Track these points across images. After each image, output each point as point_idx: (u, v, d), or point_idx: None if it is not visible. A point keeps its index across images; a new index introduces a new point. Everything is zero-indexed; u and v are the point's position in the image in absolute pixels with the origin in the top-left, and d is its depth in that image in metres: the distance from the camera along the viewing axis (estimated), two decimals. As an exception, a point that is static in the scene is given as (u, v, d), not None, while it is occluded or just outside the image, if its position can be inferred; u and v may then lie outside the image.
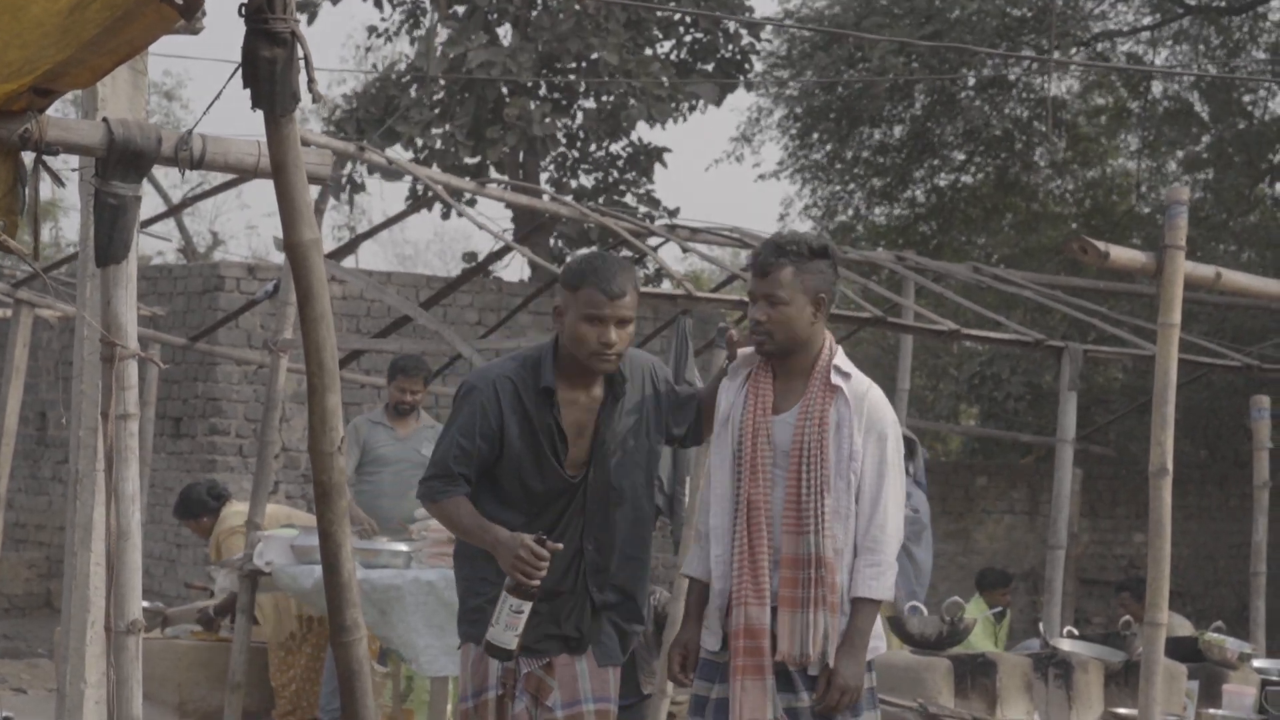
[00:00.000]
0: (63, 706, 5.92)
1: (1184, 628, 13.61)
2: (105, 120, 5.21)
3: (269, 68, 3.97)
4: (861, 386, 5.74)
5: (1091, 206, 22.41)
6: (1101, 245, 8.59)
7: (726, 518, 5.75)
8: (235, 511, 13.11)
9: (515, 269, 51.97)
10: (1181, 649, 11.56)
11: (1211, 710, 10.71)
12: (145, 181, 5.47)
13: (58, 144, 5.04)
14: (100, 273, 5.44)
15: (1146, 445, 18.97)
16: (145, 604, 13.40)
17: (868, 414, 5.70)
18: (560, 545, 5.63)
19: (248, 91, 4.03)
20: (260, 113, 4.08)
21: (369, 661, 4.14)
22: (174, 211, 14.98)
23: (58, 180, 5.12)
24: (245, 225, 42.32)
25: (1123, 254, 8.79)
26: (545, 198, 14.24)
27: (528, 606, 5.57)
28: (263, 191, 71.59)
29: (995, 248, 22.04)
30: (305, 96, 4.09)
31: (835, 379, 5.72)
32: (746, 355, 5.92)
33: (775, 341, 5.71)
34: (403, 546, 10.86)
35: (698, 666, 5.88)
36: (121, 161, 5.21)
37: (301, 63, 4.00)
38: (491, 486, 5.92)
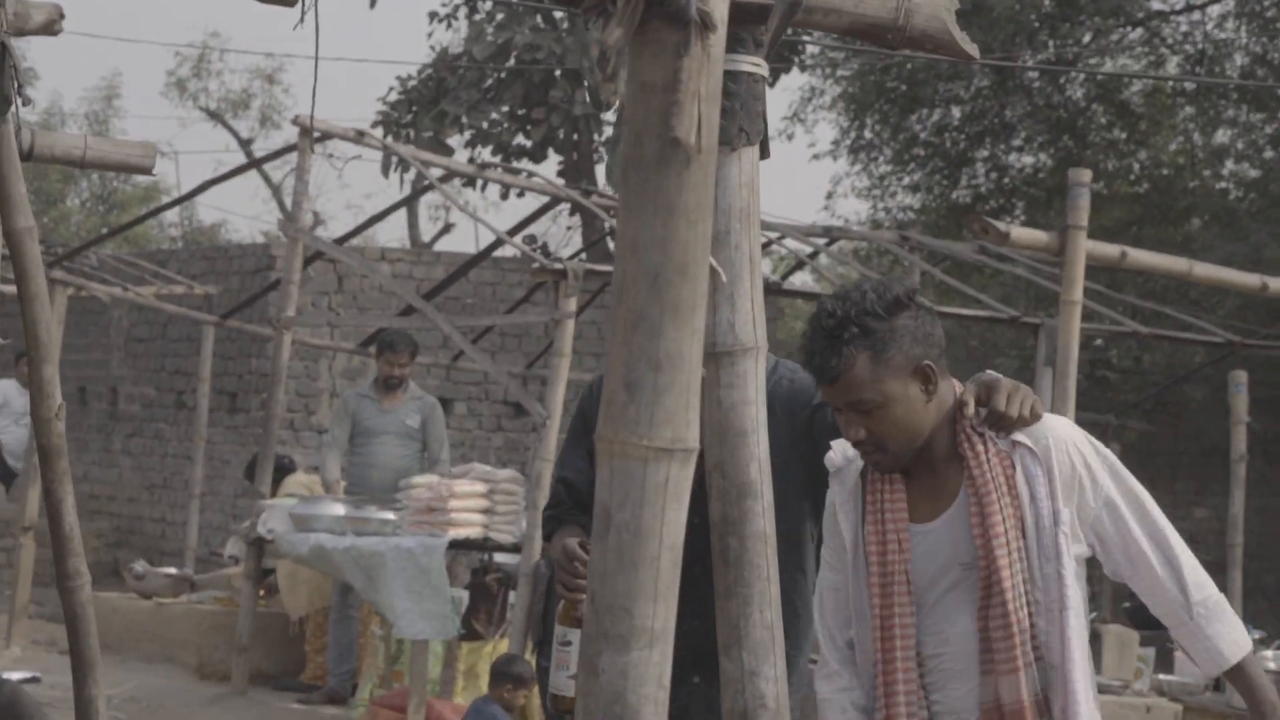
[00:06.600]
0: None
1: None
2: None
3: (-19, 74, 4.45)
4: (1038, 428, 4.08)
5: (1151, 187, 22.47)
6: (1002, 225, 8.96)
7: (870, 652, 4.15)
8: (295, 481, 13.78)
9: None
10: (1140, 616, 11.82)
11: (1162, 676, 10.99)
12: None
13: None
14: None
15: (1194, 421, 19.10)
16: (173, 570, 14.13)
17: (1058, 456, 4.07)
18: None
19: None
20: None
21: (91, 606, 4.61)
22: (192, 195, 15.56)
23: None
24: (345, 205, 42.65)
25: (1023, 234, 9.17)
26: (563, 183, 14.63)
27: (575, 635, 4.37)
28: (362, 174, 72.16)
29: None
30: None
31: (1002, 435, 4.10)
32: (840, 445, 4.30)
33: (893, 455, 4.07)
34: (390, 515, 11.37)
35: None
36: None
37: (12, 70, 4.47)
38: None
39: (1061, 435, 4.06)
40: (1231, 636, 4.07)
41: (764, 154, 2.88)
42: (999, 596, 3.98)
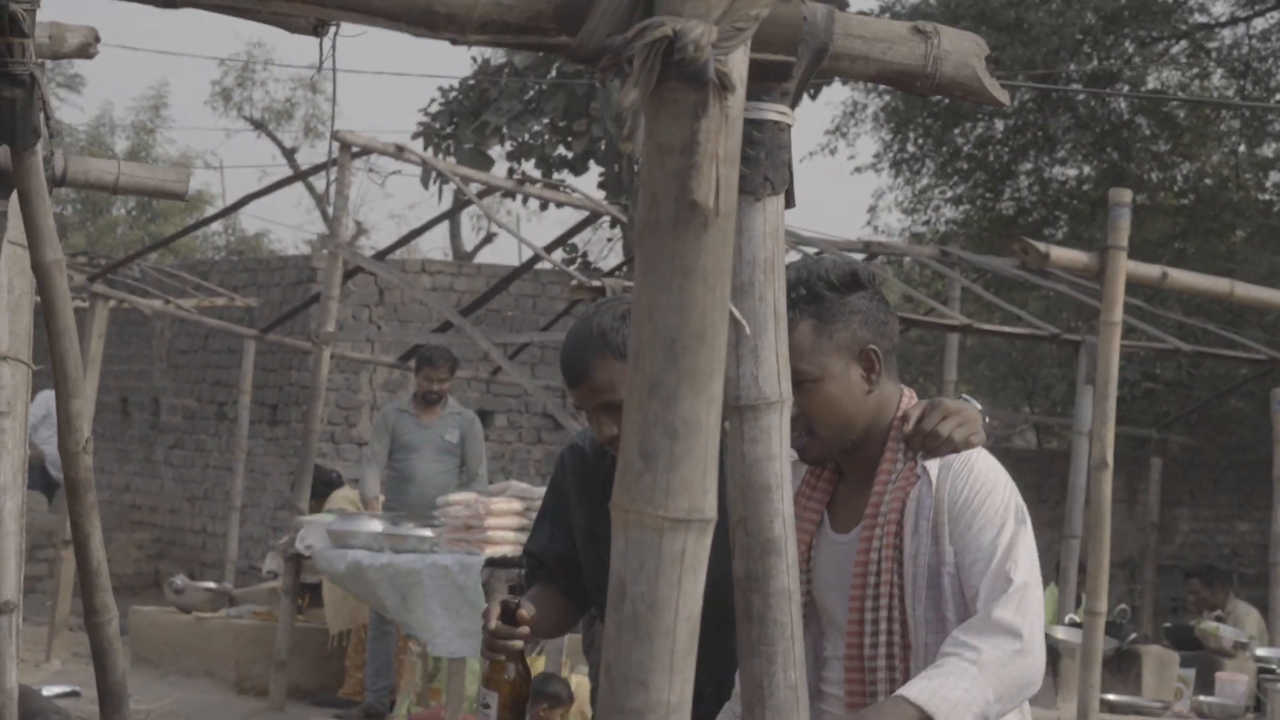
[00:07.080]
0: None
1: (1250, 616, 13.72)
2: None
3: (10, 106, 4.42)
4: (953, 457, 3.70)
5: (1195, 199, 22.34)
6: (1041, 246, 8.91)
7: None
8: (341, 496, 13.80)
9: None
10: (1180, 637, 11.76)
11: (1202, 697, 10.90)
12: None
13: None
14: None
15: (1238, 434, 19.00)
16: (212, 585, 14.15)
17: (953, 487, 3.66)
18: (529, 611, 4.26)
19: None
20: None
21: (119, 640, 4.59)
22: (234, 209, 15.61)
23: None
24: (388, 215, 43.02)
25: (1063, 254, 9.11)
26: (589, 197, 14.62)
27: (494, 699, 4.18)
28: (405, 184, 72.00)
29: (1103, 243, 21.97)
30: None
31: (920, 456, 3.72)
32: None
33: (820, 441, 3.75)
34: (428, 532, 11.35)
35: None
36: (-17, 177, 5.69)
37: (40, 101, 4.45)
38: None
39: (963, 467, 3.67)
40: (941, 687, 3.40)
41: (789, 203, 2.84)
42: (855, 625, 3.65)
